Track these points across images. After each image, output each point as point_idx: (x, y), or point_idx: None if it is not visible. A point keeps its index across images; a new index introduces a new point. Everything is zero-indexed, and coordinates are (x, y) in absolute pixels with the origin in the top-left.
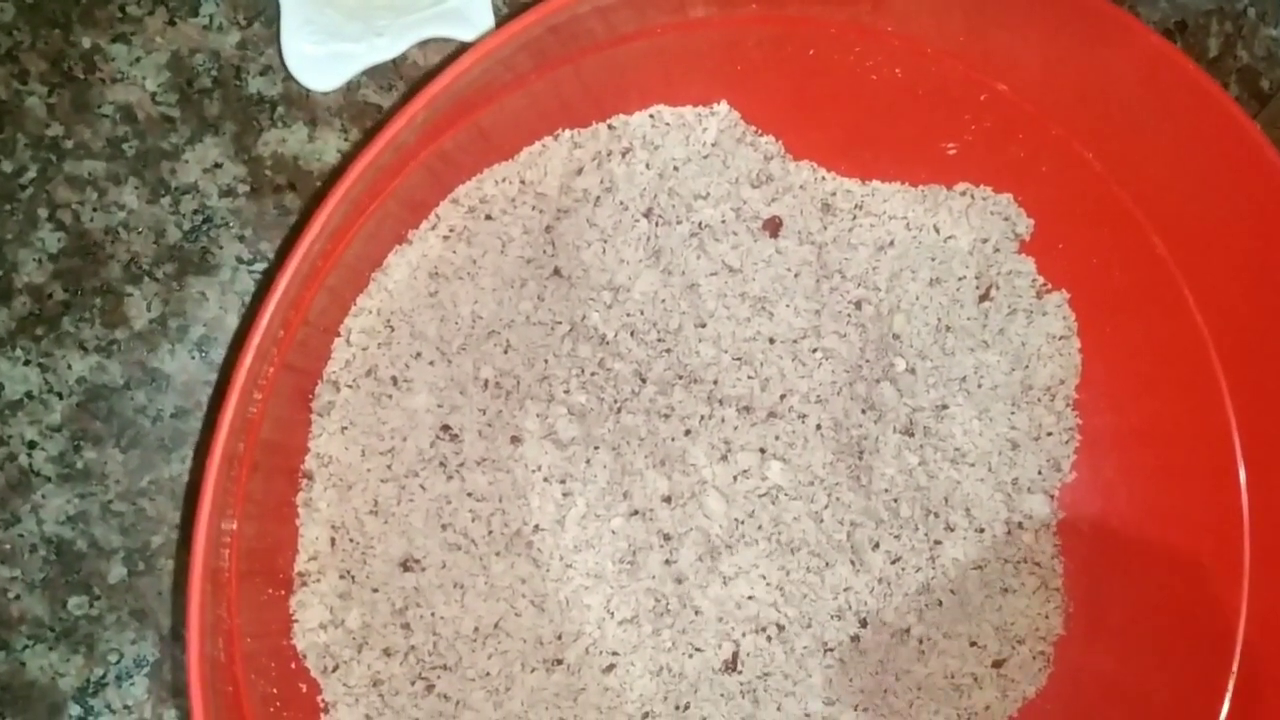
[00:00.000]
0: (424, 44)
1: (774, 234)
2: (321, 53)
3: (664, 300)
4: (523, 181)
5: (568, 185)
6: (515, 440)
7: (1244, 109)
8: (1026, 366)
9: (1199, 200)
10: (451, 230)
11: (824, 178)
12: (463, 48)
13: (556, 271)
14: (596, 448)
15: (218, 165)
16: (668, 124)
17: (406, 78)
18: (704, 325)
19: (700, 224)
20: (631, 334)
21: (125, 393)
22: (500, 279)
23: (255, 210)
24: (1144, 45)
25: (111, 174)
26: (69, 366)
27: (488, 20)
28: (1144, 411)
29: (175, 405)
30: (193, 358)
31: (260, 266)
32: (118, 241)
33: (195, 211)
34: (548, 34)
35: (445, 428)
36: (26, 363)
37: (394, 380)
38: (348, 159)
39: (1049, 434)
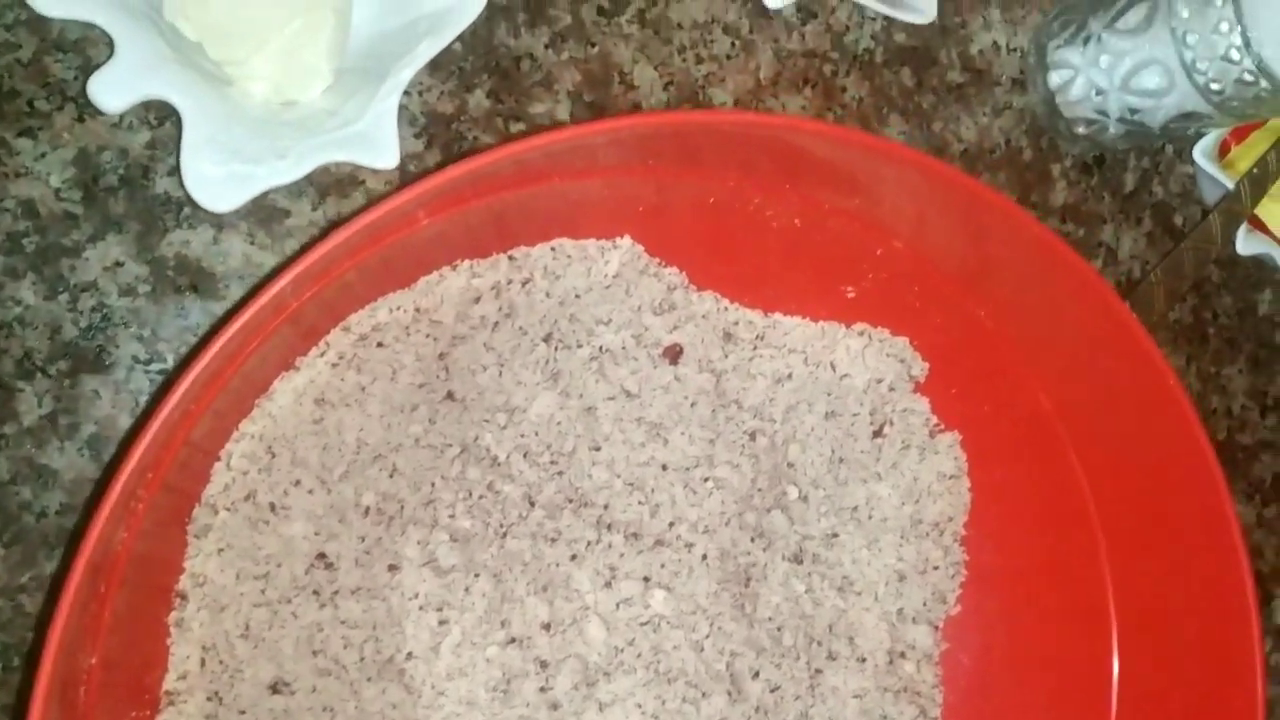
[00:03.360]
0: None
1: (674, 361)
2: (221, 173)
3: (559, 423)
4: (418, 309)
5: (464, 313)
6: (393, 568)
7: (1117, 283)
8: (917, 501)
9: (1078, 365)
10: (341, 357)
11: (726, 308)
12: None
13: (450, 395)
14: (477, 575)
15: (119, 264)
16: (569, 256)
17: (317, 184)
18: (598, 449)
19: (601, 348)
20: (524, 456)
21: (10, 488)
22: (389, 405)
23: (155, 311)
24: (1027, 232)
25: (9, 269)
26: None
27: (393, 149)
28: (1028, 554)
29: (61, 502)
30: (82, 455)
31: (157, 367)
32: (11, 336)
33: (93, 309)
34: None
35: (321, 556)
36: None
37: (272, 507)
38: (252, 263)
39: (935, 568)
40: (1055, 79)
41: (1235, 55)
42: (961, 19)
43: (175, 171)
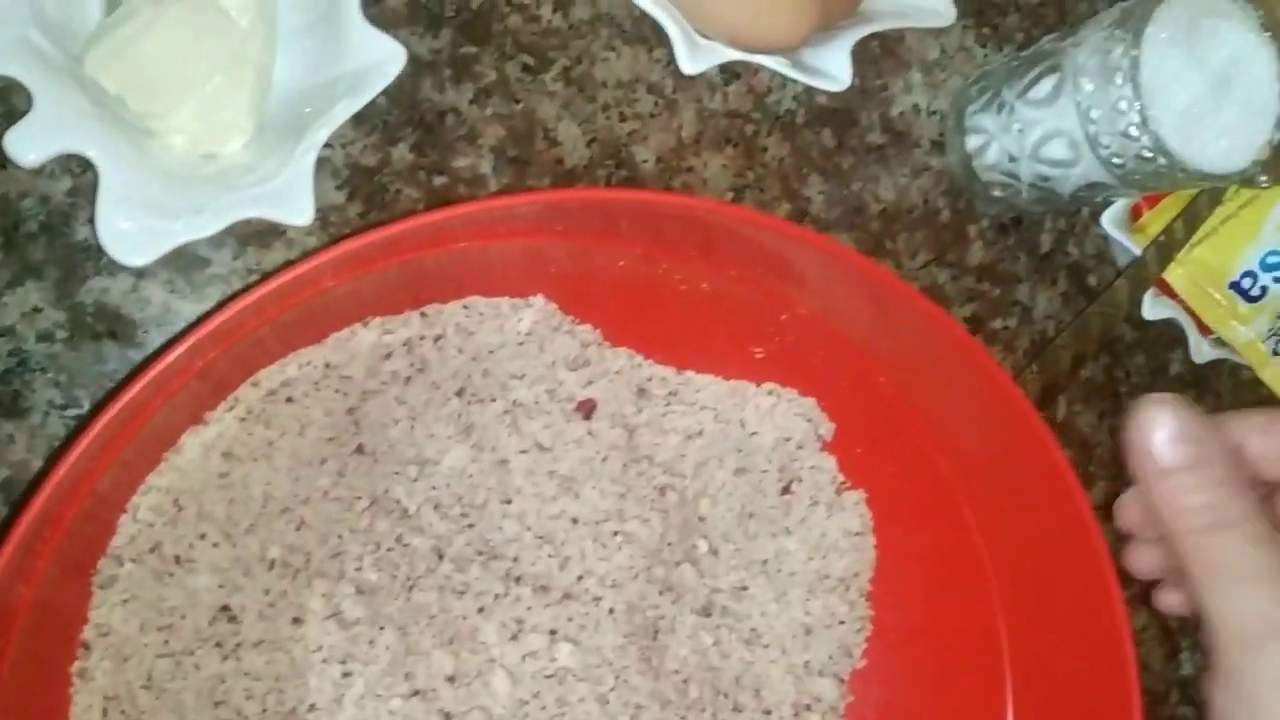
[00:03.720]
0: None
1: (587, 416)
2: (136, 228)
3: (471, 475)
4: (328, 365)
5: (375, 368)
6: (297, 621)
7: (1002, 363)
8: (824, 556)
9: (972, 434)
10: (249, 412)
11: (640, 364)
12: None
13: (360, 449)
14: (382, 627)
15: (37, 309)
16: (482, 314)
17: (238, 233)
18: (510, 501)
19: (515, 402)
20: (435, 508)
21: None
22: (297, 460)
23: (73, 357)
24: (920, 310)
25: None
26: None
27: (308, 207)
28: (929, 611)
29: None
30: None
31: (74, 412)
32: None
33: (10, 354)
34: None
35: (224, 608)
36: None
37: (177, 559)
38: (171, 310)
39: (841, 622)
40: (971, 143)
41: (1134, 132)
42: (883, 81)
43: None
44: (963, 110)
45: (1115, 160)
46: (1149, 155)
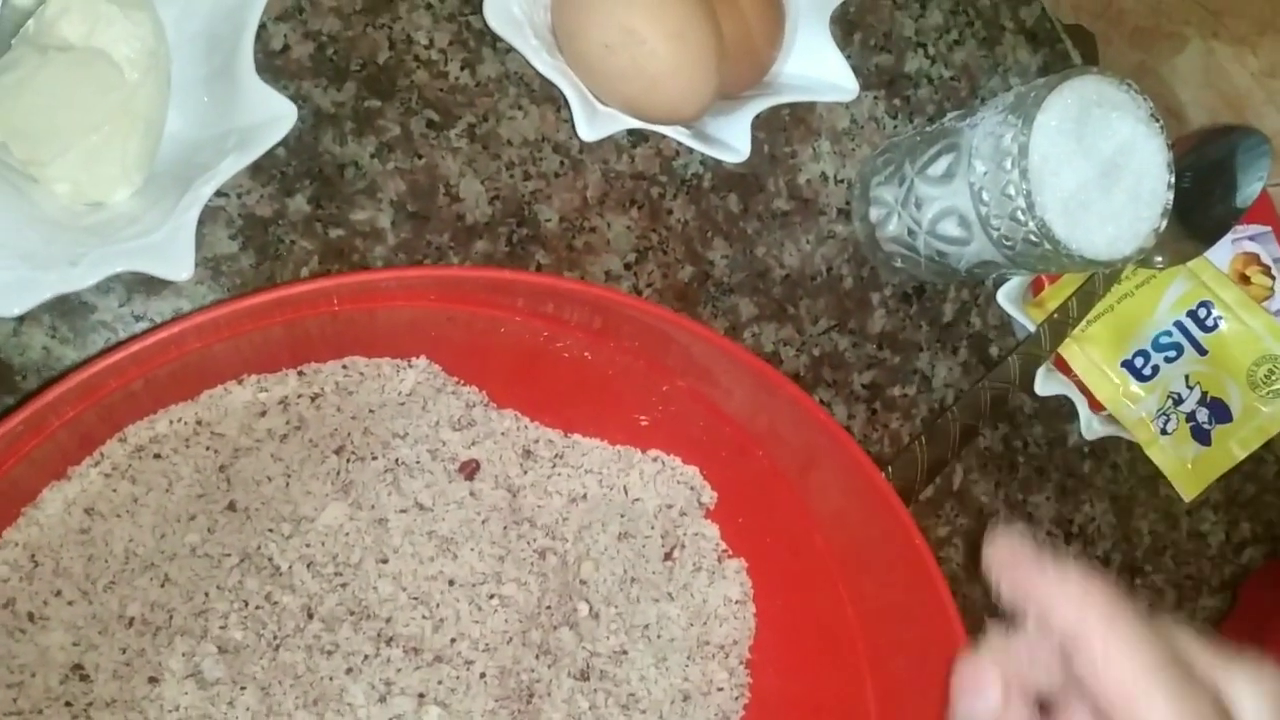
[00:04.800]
0: None
1: (470, 476)
2: (8, 278)
3: (348, 534)
4: (199, 422)
5: (249, 426)
6: (154, 680)
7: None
8: (705, 623)
9: (841, 511)
10: (115, 468)
11: (527, 426)
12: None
13: (231, 505)
14: (244, 687)
15: None
16: (362, 373)
17: (125, 279)
18: (386, 561)
19: (397, 461)
20: (308, 566)
21: None
22: (163, 516)
23: None
24: (787, 395)
25: None
26: None
27: (188, 262)
28: (804, 682)
29: None
30: None
31: None
32: None
33: None
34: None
35: (77, 667)
36: None
37: (30, 616)
38: (52, 356)
39: (720, 689)
40: (874, 214)
41: (1021, 217)
42: (792, 149)
43: None
44: (868, 180)
45: (1006, 242)
46: (1035, 240)
